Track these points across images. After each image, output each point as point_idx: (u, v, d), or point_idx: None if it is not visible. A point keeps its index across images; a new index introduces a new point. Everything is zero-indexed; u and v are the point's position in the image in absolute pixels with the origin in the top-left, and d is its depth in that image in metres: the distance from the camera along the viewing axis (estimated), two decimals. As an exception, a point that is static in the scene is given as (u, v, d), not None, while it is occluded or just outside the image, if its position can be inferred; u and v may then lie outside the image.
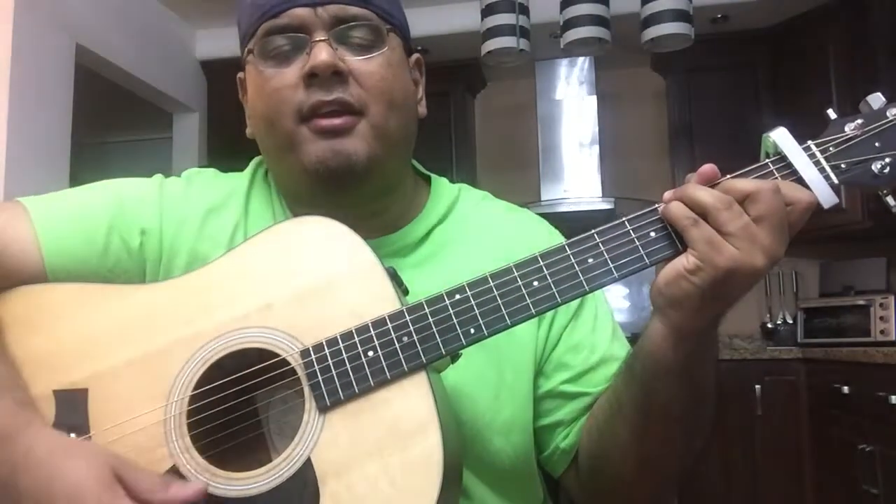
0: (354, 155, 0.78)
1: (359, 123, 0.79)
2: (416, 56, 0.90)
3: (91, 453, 0.66)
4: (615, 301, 3.86)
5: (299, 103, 0.78)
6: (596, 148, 3.84)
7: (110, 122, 4.47)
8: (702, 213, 0.66)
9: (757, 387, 3.22)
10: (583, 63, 3.89)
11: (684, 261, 0.66)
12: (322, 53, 0.77)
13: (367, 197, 0.83)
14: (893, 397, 2.46)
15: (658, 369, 0.71)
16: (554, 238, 0.93)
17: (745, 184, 0.66)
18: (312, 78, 0.77)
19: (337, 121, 0.78)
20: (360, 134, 0.79)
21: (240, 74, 0.88)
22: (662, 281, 0.68)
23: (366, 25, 0.80)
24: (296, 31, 0.79)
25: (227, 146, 0.94)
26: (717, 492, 3.24)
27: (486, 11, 3.03)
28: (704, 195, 0.66)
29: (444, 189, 0.93)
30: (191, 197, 0.88)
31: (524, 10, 3.02)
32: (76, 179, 2.89)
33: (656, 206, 0.69)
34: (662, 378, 0.72)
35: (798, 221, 0.67)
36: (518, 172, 3.98)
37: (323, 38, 0.78)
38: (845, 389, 2.80)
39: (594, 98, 3.88)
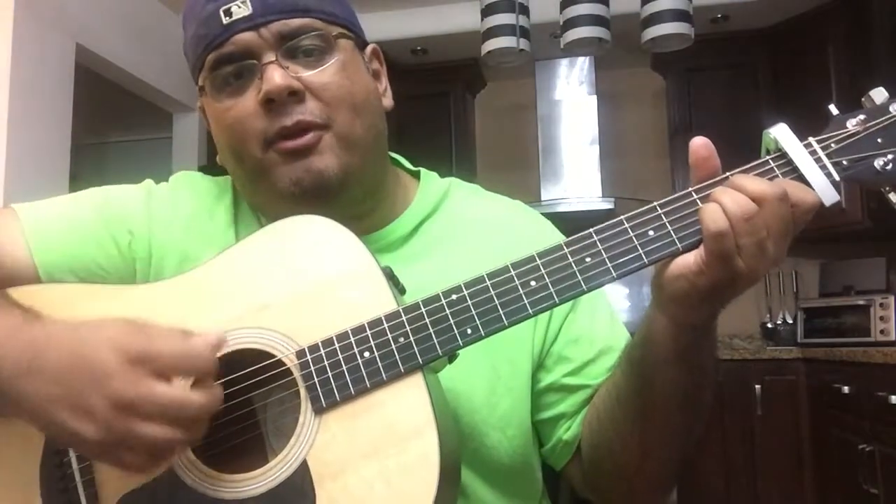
0: (327, 171, 0.77)
1: (324, 136, 0.77)
2: (371, 47, 0.88)
3: (109, 320, 0.65)
4: (615, 301, 3.85)
5: (262, 130, 0.77)
6: (596, 148, 3.84)
7: (110, 122, 4.47)
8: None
9: (757, 387, 3.22)
10: (583, 63, 3.90)
11: (690, 262, 0.66)
12: (275, 77, 0.75)
13: (348, 205, 0.81)
14: (893, 397, 2.45)
15: (657, 357, 0.72)
16: (545, 229, 0.93)
17: (753, 185, 0.65)
18: (270, 103, 0.76)
19: (301, 140, 0.77)
20: (328, 147, 0.78)
21: (199, 103, 0.86)
22: (664, 276, 0.67)
23: (312, 35, 0.78)
24: (243, 58, 0.77)
25: (227, 146, 0.92)
26: (717, 492, 3.24)
27: (486, 11, 3.03)
28: (729, 201, 0.64)
29: (432, 184, 0.92)
30: (178, 199, 0.88)
31: (524, 10, 3.02)
32: (76, 180, 2.90)
33: (654, 204, 0.68)
34: (661, 366, 0.72)
35: (801, 222, 0.66)
36: (518, 172, 3.98)
37: (272, 60, 0.76)
38: (845, 389, 2.80)
39: (594, 98, 3.88)
